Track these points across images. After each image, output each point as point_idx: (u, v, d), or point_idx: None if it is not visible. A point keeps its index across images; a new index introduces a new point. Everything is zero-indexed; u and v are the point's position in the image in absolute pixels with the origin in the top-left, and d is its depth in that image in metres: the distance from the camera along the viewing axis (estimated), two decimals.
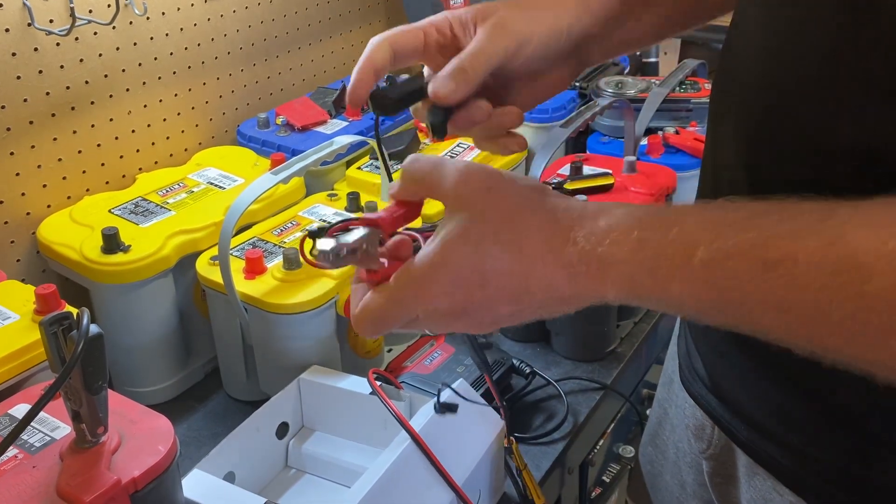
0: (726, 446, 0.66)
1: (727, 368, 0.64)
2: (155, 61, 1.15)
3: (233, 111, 1.30)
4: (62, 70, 1.04)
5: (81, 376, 0.59)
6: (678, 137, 1.20)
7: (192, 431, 0.94)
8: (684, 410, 0.73)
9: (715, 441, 0.68)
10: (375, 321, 0.52)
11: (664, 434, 0.81)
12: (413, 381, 0.89)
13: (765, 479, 0.62)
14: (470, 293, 0.49)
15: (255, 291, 0.87)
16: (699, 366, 0.68)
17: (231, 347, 0.94)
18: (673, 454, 0.79)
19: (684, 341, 0.72)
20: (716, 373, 0.66)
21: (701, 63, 1.39)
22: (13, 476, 0.62)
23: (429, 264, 0.49)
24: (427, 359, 0.93)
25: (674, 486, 0.79)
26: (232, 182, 1.08)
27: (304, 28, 1.40)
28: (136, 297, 0.92)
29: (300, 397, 0.88)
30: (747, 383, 0.62)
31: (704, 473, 0.71)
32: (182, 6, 1.17)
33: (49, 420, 0.67)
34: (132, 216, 0.99)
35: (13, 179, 1.01)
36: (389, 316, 0.51)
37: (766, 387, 0.59)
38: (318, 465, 0.87)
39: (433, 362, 0.93)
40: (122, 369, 0.96)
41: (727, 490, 0.68)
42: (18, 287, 0.88)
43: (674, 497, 0.80)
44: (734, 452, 0.66)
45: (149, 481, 0.63)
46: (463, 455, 0.76)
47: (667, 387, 0.79)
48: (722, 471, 0.68)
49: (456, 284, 0.48)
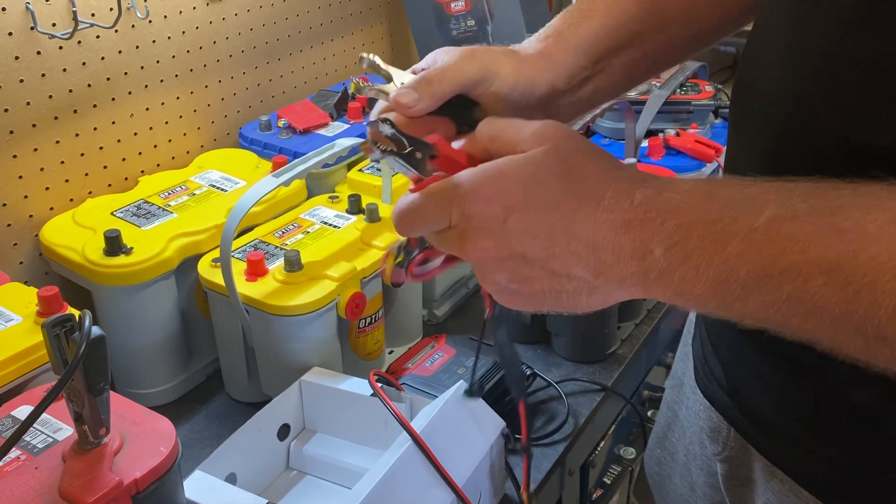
0: (742, 448, 0.66)
1: (745, 370, 0.64)
2: (157, 64, 1.16)
3: (234, 114, 1.30)
4: (64, 73, 1.04)
5: (83, 378, 0.59)
6: (679, 139, 1.21)
7: (194, 433, 0.94)
8: (698, 413, 0.72)
9: (731, 443, 0.68)
10: (407, 212, 0.50)
11: (673, 436, 0.81)
12: (414, 383, 0.89)
13: (783, 482, 0.62)
14: (508, 211, 0.46)
15: (256, 293, 0.88)
16: (716, 367, 0.68)
17: (233, 349, 0.95)
18: (683, 456, 0.78)
19: (699, 343, 0.72)
20: (733, 374, 0.65)
21: (702, 65, 1.39)
22: (16, 477, 0.62)
23: (479, 170, 0.47)
24: (428, 360, 0.94)
25: (683, 488, 0.79)
26: (234, 184, 1.08)
27: (306, 31, 1.40)
28: (138, 299, 0.92)
29: (301, 399, 0.89)
30: (765, 385, 0.61)
31: (718, 476, 0.71)
32: (184, 9, 1.18)
33: (51, 421, 0.68)
34: (134, 218, 0.99)
35: (16, 182, 1.02)
36: (422, 208, 0.49)
37: (784, 388, 0.59)
38: (319, 466, 0.87)
39: (434, 364, 0.93)
40: (124, 371, 0.96)
41: (742, 492, 0.68)
42: (21, 289, 0.88)
43: (683, 499, 0.79)
44: (750, 454, 0.65)
45: (150, 482, 0.63)
46: (463, 457, 0.76)
47: (677, 389, 0.79)
48: (737, 473, 0.68)
49: (498, 194, 0.46)
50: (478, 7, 1.42)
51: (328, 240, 0.96)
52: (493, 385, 0.88)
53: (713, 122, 1.27)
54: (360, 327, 0.95)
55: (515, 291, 0.49)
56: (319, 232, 0.98)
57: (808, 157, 0.52)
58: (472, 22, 1.43)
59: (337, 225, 0.99)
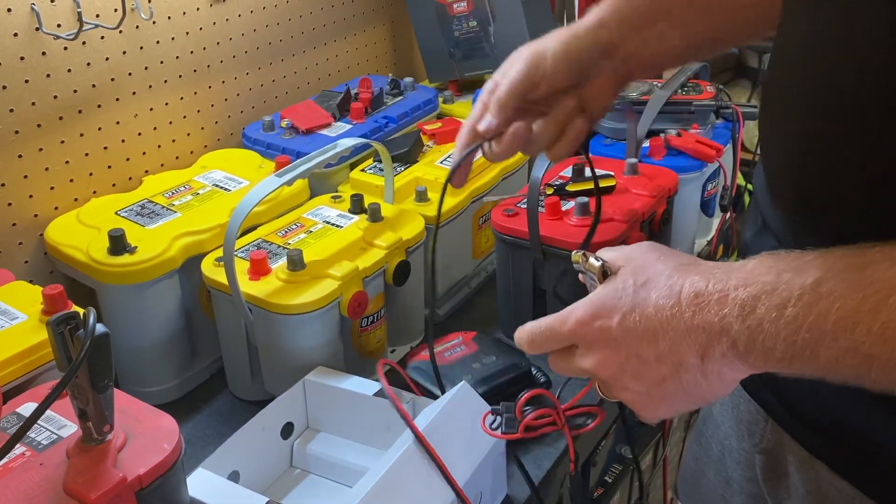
0: (779, 440, 0.67)
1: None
2: (161, 65, 1.16)
3: (238, 114, 1.31)
4: (69, 74, 1.05)
5: (88, 375, 0.60)
6: (680, 140, 1.21)
7: (198, 431, 0.94)
8: (737, 406, 0.73)
9: (768, 435, 0.69)
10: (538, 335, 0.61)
11: (707, 431, 0.81)
12: (426, 367, 0.89)
13: (821, 472, 0.62)
14: (613, 323, 0.55)
15: (259, 292, 0.88)
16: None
17: (236, 348, 0.95)
18: (717, 451, 0.79)
19: None
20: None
21: (703, 66, 1.39)
22: (21, 473, 0.63)
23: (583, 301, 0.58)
24: (449, 351, 0.94)
25: (717, 482, 0.79)
26: (237, 184, 1.09)
27: (309, 32, 1.41)
28: (142, 297, 0.93)
29: (305, 398, 0.89)
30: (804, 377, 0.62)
31: (757, 468, 0.71)
32: (188, 10, 1.18)
33: (56, 418, 0.68)
34: (138, 218, 1.00)
35: (21, 182, 1.03)
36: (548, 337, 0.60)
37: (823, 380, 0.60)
38: (322, 465, 0.88)
39: (453, 356, 0.93)
40: (128, 369, 0.97)
41: (778, 484, 0.69)
42: (26, 288, 0.89)
43: (717, 494, 0.80)
44: (784, 447, 0.66)
45: (154, 479, 0.64)
46: (464, 457, 0.77)
47: None
48: (773, 465, 0.69)
49: (603, 313, 0.56)
50: (480, 8, 1.42)
51: (331, 239, 0.97)
52: (499, 386, 0.89)
53: (714, 123, 1.27)
54: (363, 326, 0.96)
55: (647, 394, 0.56)
56: (322, 231, 0.99)
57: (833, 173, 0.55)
58: (474, 23, 1.43)
59: (339, 224, 1.00)
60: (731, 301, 0.50)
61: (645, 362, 0.54)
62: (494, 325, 1.11)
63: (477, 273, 1.21)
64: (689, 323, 0.51)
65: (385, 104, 1.31)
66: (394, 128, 1.26)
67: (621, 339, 0.55)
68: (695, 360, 0.52)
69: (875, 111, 0.50)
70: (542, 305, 1.04)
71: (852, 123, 0.52)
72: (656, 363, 0.54)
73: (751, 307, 0.49)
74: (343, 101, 1.27)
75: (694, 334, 0.51)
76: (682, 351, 0.52)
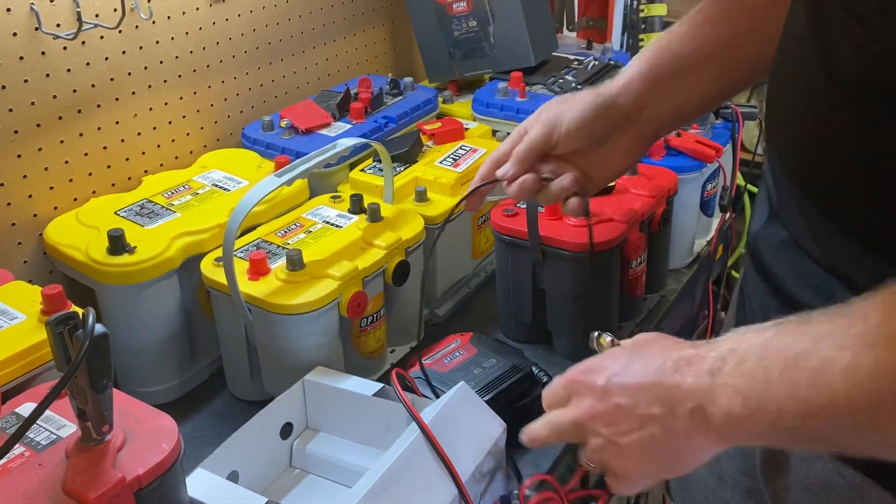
0: None
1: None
2: (160, 65, 1.16)
3: (237, 114, 1.31)
4: (69, 73, 1.05)
5: (87, 375, 0.60)
6: (679, 140, 1.21)
7: (197, 431, 0.94)
8: None
9: None
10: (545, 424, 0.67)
11: None
12: (429, 378, 0.89)
13: (826, 462, 0.63)
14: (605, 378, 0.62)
15: (258, 292, 0.88)
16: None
17: (235, 347, 0.95)
18: None
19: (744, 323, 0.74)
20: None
21: None
22: (20, 473, 0.63)
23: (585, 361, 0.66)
24: (448, 357, 0.94)
25: (708, 478, 0.79)
26: (236, 184, 1.09)
27: (308, 32, 1.41)
28: (141, 297, 0.93)
29: (305, 398, 0.89)
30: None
31: (757, 459, 0.71)
32: (187, 10, 1.18)
33: (55, 418, 0.68)
34: (138, 218, 1.00)
35: (20, 181, 1.03)
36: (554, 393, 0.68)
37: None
38: (321, 465, 0.88)
39: (452, 361, 0.93)
40: (127, 369, 0.97)
41: (777, 476, 0.69)
42: (25, 288, 0.89)
43: (707, 489, 0.80)
44: None
45: (153, 479, 0.64)
46: (464, 456, 0.77)
47: None
48: (775, 458, 0.69)
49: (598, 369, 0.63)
50: (479, 8, 1.42)
51: (330, 239, 0.97)
52: (503, 389, 0.89)
53: (714, 123, 1.27)
54: (362, 326, 0.96)
55: (615, 444, 0.61)
56: (321, 231, 0.99)
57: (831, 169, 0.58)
58: (473, 23, 1.44)
59: (339, 224, 1.00)
60: (705, 361, 0.55)
61: (620, 411, 0.60)
62: (494, 326, 1.11)
63: (476, 273, 1.21)
64: (669, 381, 0.57)
65: (385, 104, 1.31)
66: (393, 128, 1.26)
67: (606, 390, 0.61)
68: (663, 415, 0.57)
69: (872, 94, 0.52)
70: (541, 305, 1.04)
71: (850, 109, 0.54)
72: (629, 413, 0.59)
73: (721, 364, 0.54)
74: (343, 101, 1.27)
75: (668, 391, 0.57)
76: (653, 405, 0.58)
